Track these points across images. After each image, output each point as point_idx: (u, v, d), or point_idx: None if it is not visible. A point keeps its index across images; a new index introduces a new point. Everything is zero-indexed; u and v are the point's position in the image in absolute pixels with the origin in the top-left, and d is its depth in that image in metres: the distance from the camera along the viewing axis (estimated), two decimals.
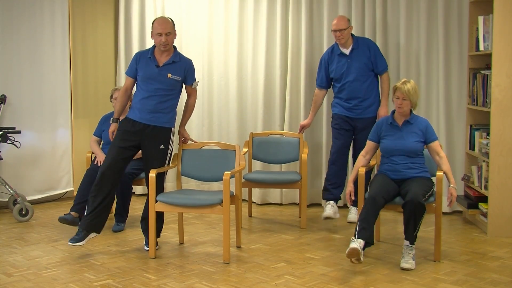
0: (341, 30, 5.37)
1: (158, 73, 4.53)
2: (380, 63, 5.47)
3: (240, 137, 6.38)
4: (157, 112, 4.55)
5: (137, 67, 4.60)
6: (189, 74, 4.65)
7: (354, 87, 5.43)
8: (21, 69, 6.08)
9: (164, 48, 4.52)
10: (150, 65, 4.55)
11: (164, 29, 4.49)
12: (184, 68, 4.61)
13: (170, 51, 4.59)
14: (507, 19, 4.94)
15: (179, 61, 4.59)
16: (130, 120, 4.59)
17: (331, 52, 5.57)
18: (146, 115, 4.54)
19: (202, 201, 4.39)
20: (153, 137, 4.55)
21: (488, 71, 5.17)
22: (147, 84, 4.54)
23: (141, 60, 4.59)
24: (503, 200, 5.01)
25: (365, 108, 5.46)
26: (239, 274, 4.14)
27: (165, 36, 4.48)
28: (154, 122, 4.55)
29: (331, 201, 5.62)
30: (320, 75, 5.63)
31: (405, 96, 4.39)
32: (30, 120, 6.12)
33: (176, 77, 4.57)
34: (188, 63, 4.66)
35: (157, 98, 4.54)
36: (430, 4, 5.80)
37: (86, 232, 4.49)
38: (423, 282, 3.98)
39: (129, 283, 3.97)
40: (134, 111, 4.60)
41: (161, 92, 4.54)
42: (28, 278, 4.04)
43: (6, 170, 5.90)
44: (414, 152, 4.43)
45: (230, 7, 6.44)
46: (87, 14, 6.60)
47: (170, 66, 4.56)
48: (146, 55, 4.60)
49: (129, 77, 4.67)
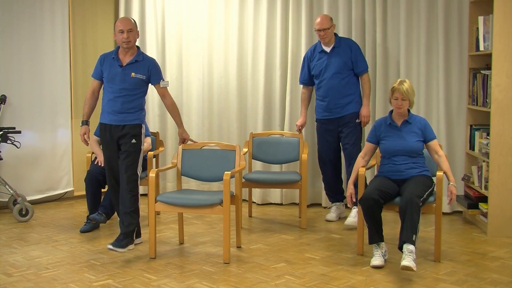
0: (324, 29, 5.45)
1: (121, 72, 4.60)
2: (360, 64, 5.53)
3: (240, 137, 6.38)
4: (124, 112, 4.61)
5: (101, 68, 4.69)
6: (153, 73, 4.68)
7: (331, 84, 5.49)
8: (21, 69, 6.08)
9: (127, 45, 4.57)
10: (114, 65, 4.63)
11: (125, 26, 4.57)
12: (148, 66, 4.65)
13: (134, 50, 4.66)
14: (507, 19, 4.94)
15: (142, 60, 4.65)
16: (103, 125, 4.71)
17: (313, 50, 5.66)
18: (114, 116, 4.62)
19: (202, 201, 4.39)
20: (125, 134, 4.63)
21: (488, 71, 5.16)
22: (112, 85, 4.61)
23: (105, 62, 4.68)
24: (503, 200, 5.01)
25: (344, 106, 5.52)
26: (239, 274, 4.14)
27: (127, 32, 4.55)
28: (122, 122, 4.62)
29: (336, 202, 5.70)
30: (303, 72, 5.73)
31: (404, 97, 4.39)
32: (30, 120, 6.12)
33: (139, 76, 4.61)
34: (152, 61, 4.72)
35: (122, 99, 4.60)
36: (430, 4, 5.79)
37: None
38: (423, 282, 3.98)
39: (129, 283, 3.97)
40: (103, 114, 4.70)
41: (125, 92, 4.60)
42: (28, 278, 4.04)
43: (6, 170, 5.90)
44: (415, 151, 4.43)
45: (230, 7, 6.43)
46: (87, 14, 6.60)
47: (133, 65, 4.62)
48: (110, 56, 4.68)
49: (95, 79, 4.74)
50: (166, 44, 6.61)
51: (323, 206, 6.15)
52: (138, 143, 4.65)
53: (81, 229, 5.22)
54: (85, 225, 5.24)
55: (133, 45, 4.63)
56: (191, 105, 6.61)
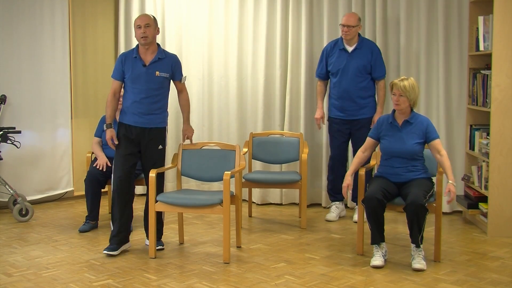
0: (349, 26, 5.41)
1: (145, 72, 4.51)
2: (379, 69, 5.50)
3: (240, 137, 6.38)
4: (151, 114, 4.54)
5: (123, 68, 4.55)
6: (176, 70, 4.63)
7: (349, 85, 5.47)
8: (21, 69, 6.08)
9: (144, 41, 4.48)
10: (136, 65, 4.52)
11: (142, 21, 4.49)
12: (171, 64, 4.59)
13: (154, 48, 4.56)
14: (507, 19, 4.94)
15: (165, 58, 4.57)
16: (124, 125, 4.58)
17: (334, 45, 5.62)
18: (140, 118, 4.53)
19: (202, 201, 4.39)
20: (151, 139, 4.57)
21: (488, 71, 5.16)
22: (136, 85, 4.51)
23: (126, 61, 4.56)
24: (503, 200, 5.01)
25: (359, 109, 5.50)
26: (239, 274, 4.14)
27: (144, 27, 4.46)
28: (149, 124, 4.55)
29: (336, 202, 5.71)
30: (321, 65, 5.70)
31: (401, 92, 4.34)
32: (30, 120, 6.11)
33: (164, 74, 4.55)
34: (174, 58, 4.65)
35: (148, 99, 4.52)
36: (430, 4, 5.80)
37: (119, 246, 4.57)
38: (423, 282, 3.98)
39: (129, 283, 3.97)
40: (127, 115, 4.57)
41: (151, 92, 4.52)
42: (28, 278, 4.04)
43: (6, 170, 5.90)
44: (413, 155, 4.39)
45: (230, 7, 6.43)
46: (87, 14, 6.60)
47: (157, 63, 4.53)
48: (131, 56, 4.57)
49: (116, 80, 4.60)
50: (166, 44, 6.60)
51: (323, 206, 6.16)
52: (164, 149, 4.63)
53: (80, 228, 5.22)
54: (84, 225, 5.25)
55: (151, 41, 4.52)
56: (191, 105, 6.53)
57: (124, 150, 4.57)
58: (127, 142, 4.57)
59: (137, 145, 4.58)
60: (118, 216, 4.57)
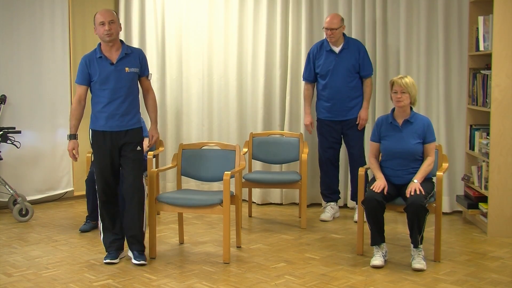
0: (332, 29, 5.40)
1: (114, 70, 4.25)
2: (367, 67, 5.52)
3: (240, 137, 6.38)
4: (126, 115, 4.30)
5: (89, 71, 4.27)
6: (144, 64, 4.40)
7: (339, 86, 5.48)
8: (21, 69, 6.08)
9: (109, 37, 4.22)
10: (103, 64, 4.26)
11: (106, 17, 4.23)
12: (138, 57, 4.36)
13: (118, 45, 4.31)
14: (507, 19, 4.94)
15: (131, 53, 4.34)
16: (99, 132, 4.33)
17: (320, 47, 5.60)
18: (115, 121, 4.29)
19: (202, 201, 4.39)
20: (128, 141, 4.33)
21: (488, 71, 5.16)
22: (106, 86, 4.25)
23: (91, 63, 4.28)
24: (503, 200, 5.01)
25: (350, 109, 5.51)
26: (239, 274, 4.14)
27: (108, 24, 4.21)
28: (125, 126, 4.31)
29: (331, 202, 5.71)
30: (308, 68, 5.68)
31: (403, 89, 4.33)
32: (30, 120, 6.11)
33: (134, 69, 4.31)
34: (140, 52, 4.44)
35: (120, 99, 4.27)
36: (430, 4, 5.80)
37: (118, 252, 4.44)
38: (423, 282, 3.98)
39: (129, 283, 3.97)
40: (99, 120, 4.31)
41: (123, 91, 4.27)
42: (28, 278, 4.04)
43: (6, 170, 5.90)
44: (414, 155, 4.38)
45: (230, 7, 6.43)
46: (87, 13, 6.58)
47: (125, 59, 4.29)
48: (94, 56, 4.30)
49: (81, 85, 4.31)
50: (166, 44, 6.60)
51: (323, 206, 6.15)
52: (142, 150, 4.44)
53: (80, 228, 5.22)
54: (84, 225, 5.24)
55: (116, 38, 4.28)
56: (191, 105, 6.60)
57: (103, 161, 4.34)
58: (103, 152, 4.33)
59: (115, 151, 4.33)
60: (110, 227, 4.43)
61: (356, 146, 5.54)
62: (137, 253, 4.34)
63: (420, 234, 4.20)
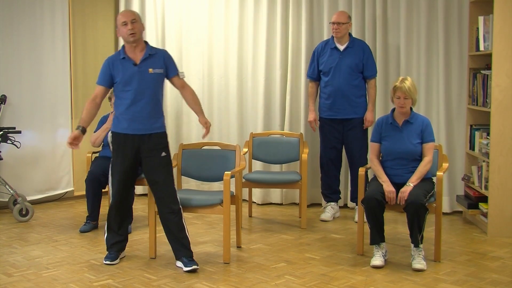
0: (339, 23, 5.41)
1: (138, 71, 4.17)
2: (370, 68, 5.51)
3: (240, 137, 6.38)
4: (150, 118, 4.20)
5: (112, 73, 4.20)
6: (170, 64, 4.29)
7: (341, 84, 5.47)
8: (21, 69, 6.08)
9: (133, 37, 4.14)
10: (126, 66, 4.19)
11: (128, 17, 4.16)
12: (163, 58, 4.26)
13: (142, 45, 4.24)
14: (507, 19, 4.94)
15: (155, 53, 4.25)
16: (120, 135, 4.23)
17: (325, 45, 5.62)
18: (138, 125, 4.19)
19: (202, 201, 4.39)
20: (153, 147, 4.22)
21: (488, 71, 5.16)
22: (129, 87, 4.16)
23: (114, 65, 4.21)
24: (503, 200, 5.01)
25: (351, 108, 5.50)
26: (239, 274, 4.14)
27: (130, 23, 4.13)
28: (148, 130, 4.21)
29: (331, 202, 5.71)
30: (312, 66, 5.68)
31: (406, 95, 4.35)
32: (30, 120, 6.11)
33: (158, 70, 4.21)
34: (164, 52, 4.35)
35: (143, 101, 4.17)
36: (430, 4, 5.80)
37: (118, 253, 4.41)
38: (423, 282, 3.98)
39: (129, 283, 3.97)
40: (122, 122, 4.22)
41: (146, 93, 4.18)
42: (28, 278, 4.04)
43: (6, 170, 5.90)
44: (414, 155, 4.38)
45: (230, 7, 6.44)
46: (87, 14, 6.60)
47: (148, 60, 4.20)
48: (118, 58, 4.24)
49: (100, 86, 4.25)
50: (166, 44, 6.60)
51: (323, 206, 6.15)
52: (168, 156, 4.27)
53: (80, 229, 5.22)
54: (84, 225, 5.24)
55: (139, 38, 4.20)
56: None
57: (122, 164, 4.24)
58: (124, 155, 4.23)
59: (135, 155, 4.24)
60: (116, 228, 4.38)
61: (357, 146, 5.53)
62: (186, 260, 4.20)
63: (420, 233, 4.20)
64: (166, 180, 4.23)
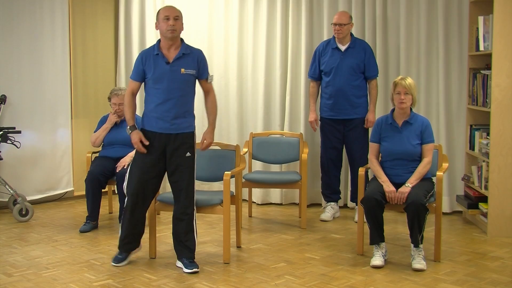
0: (341, 24, 5.41)
1: (169, 70, 4.09)
2: (372, 68, 5.51)
3: (240, 137, 6.38)
4: (178, 117, 4.11)
5: (144, 68, 4.13)
6: (202, 66, 4.21)
7: (342, 85, 5.47)
8: (21, 69, 6.08)
9: (172, 34, 4.09)
10: (159, 62, 4.11)
11: (172, 13, 4.12)
12: (197, 59, 4.18)
13: (178, 43, 4.17)
14: (507, 19, 4.94)
15: (190, 53, 4.16)
16: (147, 132, 4.15)
17: (327, 45, 5.61)
18: (166, 123, 4.10)
19: (202, 201, 4.39)
20: (178, 146, 4.13)
21: (488, 71, 5.16)
22: (160, 85, 4.08)
23: (147, 60, 4.13)
24: (503, 200, 5.01)
25: (352, 109, 5.49)
26: (239, 274, 4.14)
27: (173, 19, 4.10)
28: (176, 130, 4.12)
29: (331, 202, 5.71)
30: (313, 66, 5.67)
31: (406, 90, 4.34)
32: (30, 120, 6.11)
33: (190, 71, 4.13)
34: (200, 53, 4.24)
35: (174, 101, 4.08)
36: (430, 4, 5.80)
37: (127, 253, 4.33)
38: (423, 282, 3.98)
39: (129, 283, 3.96)
40: (150, 120, 4.14)
41: (176, 93, 4.09)
42: (28, 278, 4.04)
43: (6, 170, 5.90)
44: (413, 156, 4.39)
45: (230, 7, 6.43)
46: (87, 13, 6.60)
47: (181, 60, 4.12)
48: (152, 53, 4.15)
49: (134, 81, 4.18)
50: None
51: (323, 206, 6.15)
52: (192, 156, 4.18)
53: (80, 229, 5.22)
54: (84, 225, 5.24)
55: (177, 36, 4.14)
56: None
57: (145, 162, 4.15)
58: (148, 152, 4.14)
59: (160, 154, 4.15)
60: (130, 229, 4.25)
61: (358, 146, 5.53)
62: (187, 262, 4.17)
63: (420, 233, 4.20)
64: (185, 181, 4.16)
